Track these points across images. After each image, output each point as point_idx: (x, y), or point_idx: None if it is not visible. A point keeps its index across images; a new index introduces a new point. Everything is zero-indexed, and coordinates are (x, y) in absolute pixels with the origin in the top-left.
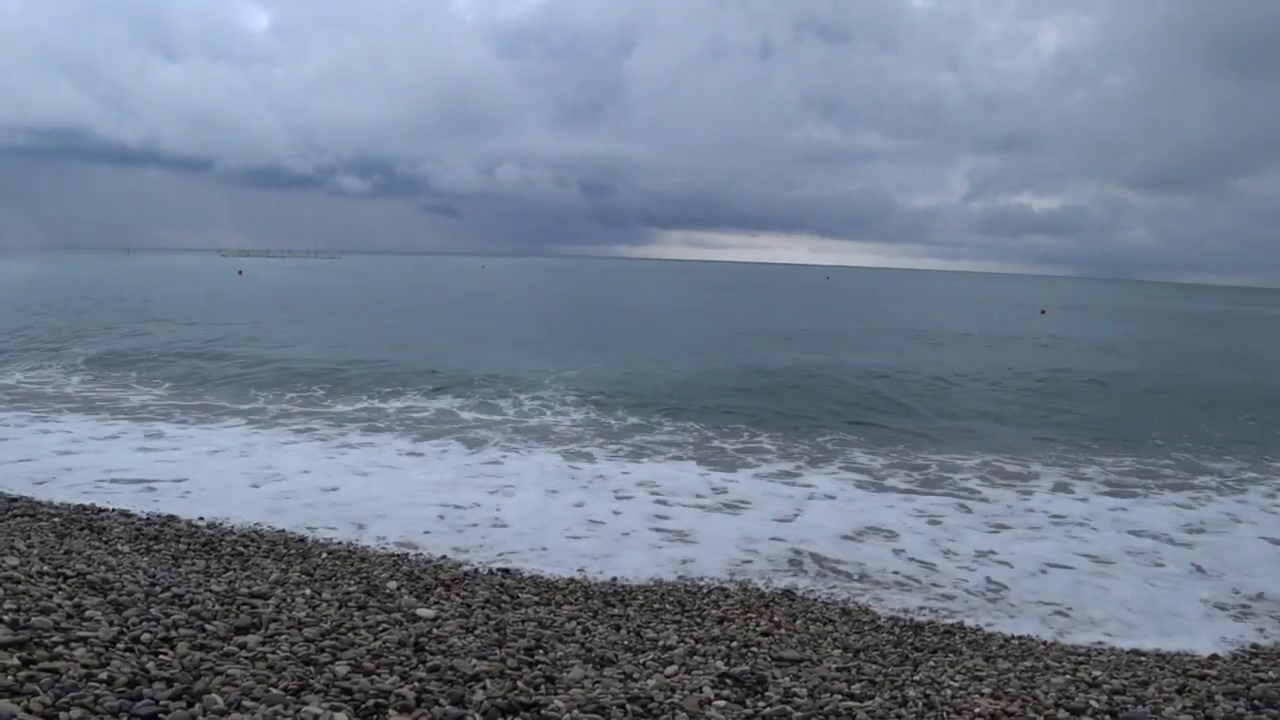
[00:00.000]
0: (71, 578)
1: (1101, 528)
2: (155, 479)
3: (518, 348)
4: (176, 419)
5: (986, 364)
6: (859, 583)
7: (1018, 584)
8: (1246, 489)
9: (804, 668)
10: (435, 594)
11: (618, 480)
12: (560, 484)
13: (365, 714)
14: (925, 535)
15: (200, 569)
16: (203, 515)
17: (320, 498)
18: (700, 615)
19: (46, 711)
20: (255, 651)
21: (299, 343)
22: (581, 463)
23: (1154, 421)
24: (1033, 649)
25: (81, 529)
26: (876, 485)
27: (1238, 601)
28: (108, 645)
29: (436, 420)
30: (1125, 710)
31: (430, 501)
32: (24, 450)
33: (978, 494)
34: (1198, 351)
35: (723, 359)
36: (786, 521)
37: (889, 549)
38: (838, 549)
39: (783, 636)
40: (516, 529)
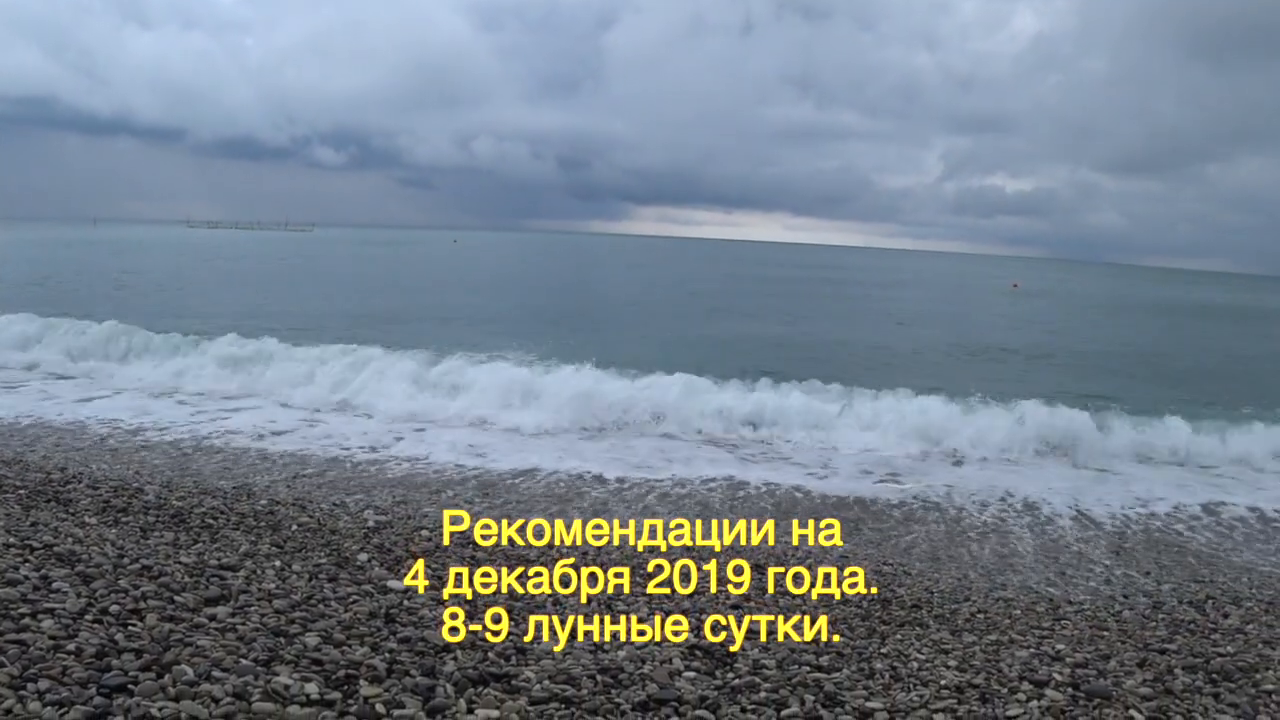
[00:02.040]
0: (38, 549)
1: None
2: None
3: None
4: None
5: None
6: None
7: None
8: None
9: (773, 640)
10: (406, 565)
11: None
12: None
13: (336, 684)
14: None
15: (169, 541)
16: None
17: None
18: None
19: (14, 683)
20: (225, 623)
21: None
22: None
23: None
24: (998, 623)
25: (48, 501)
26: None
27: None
28: (75, 617)
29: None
30: (1088, 682)
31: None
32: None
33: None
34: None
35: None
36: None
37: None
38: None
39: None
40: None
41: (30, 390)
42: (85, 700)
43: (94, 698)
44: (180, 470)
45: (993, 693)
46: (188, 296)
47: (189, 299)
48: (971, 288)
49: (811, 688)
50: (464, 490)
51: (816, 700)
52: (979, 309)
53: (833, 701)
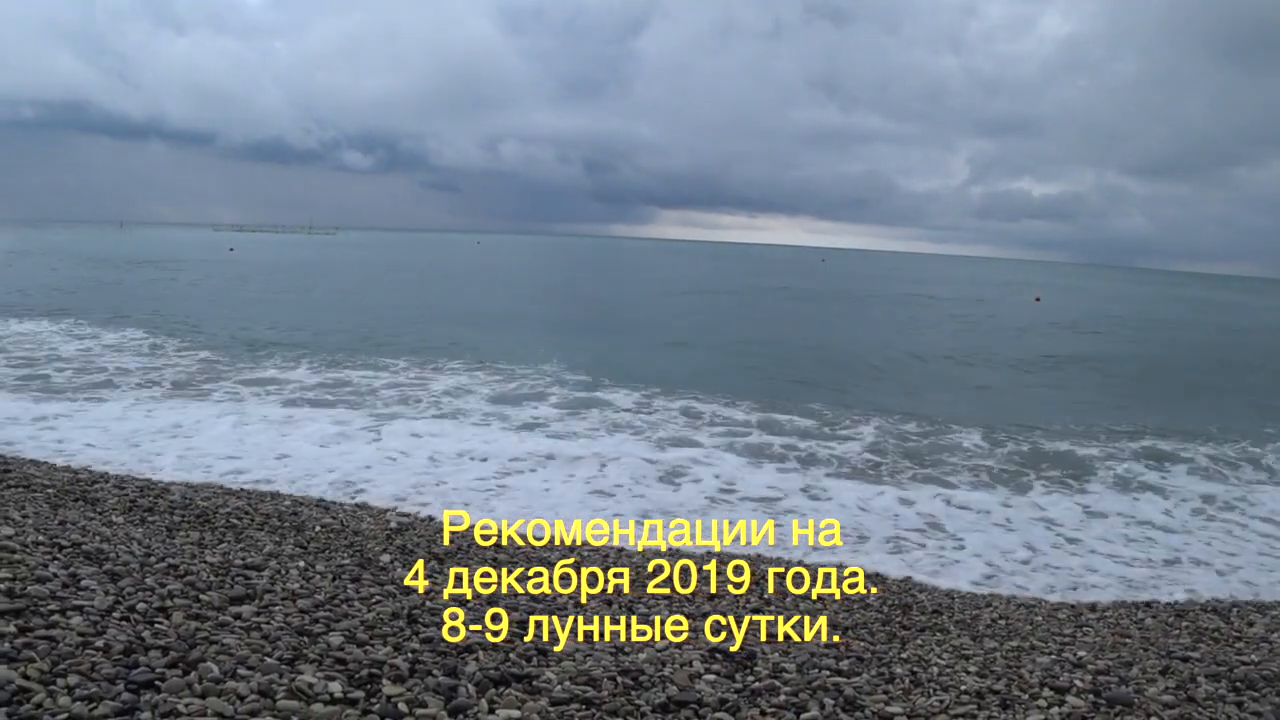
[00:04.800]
0: (67, 547)
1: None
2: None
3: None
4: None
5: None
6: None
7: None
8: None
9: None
10: (429, 568)
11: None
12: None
13: (359, 683)
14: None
15: (195, 540)
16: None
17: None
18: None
19: (44, 678)
20: (250, 621)
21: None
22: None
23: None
24: (1019, 629)
25: (76, 500)
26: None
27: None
28: (104, 614)
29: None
30: (1109, 690)
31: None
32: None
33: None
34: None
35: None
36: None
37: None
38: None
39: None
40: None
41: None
42: (113, 696)
43: (122, 694)
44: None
45: (1013, 699)
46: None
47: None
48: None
49: (831, 691)
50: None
51: (836, 704)
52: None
53: (852, 706)
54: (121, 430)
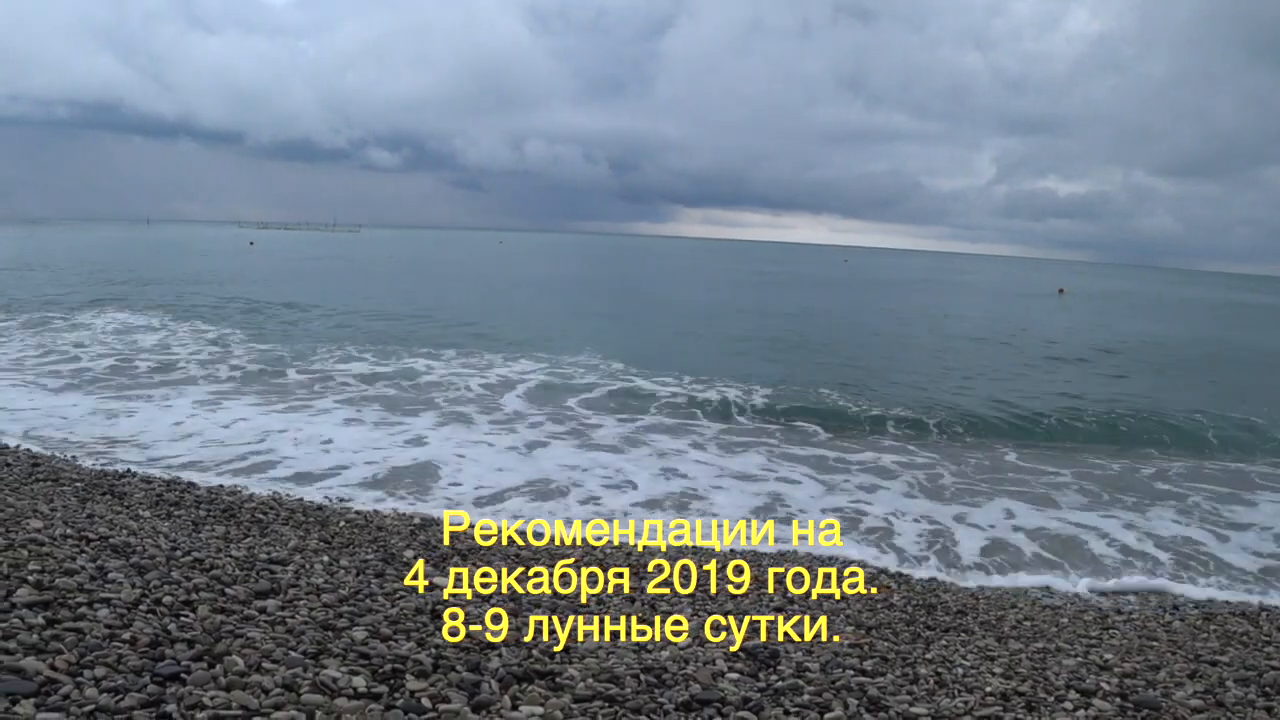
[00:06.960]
0: (94, 541)
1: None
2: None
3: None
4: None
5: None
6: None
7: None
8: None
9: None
10: (452, 563)
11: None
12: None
13: (383, 678)
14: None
15: (220, 535)
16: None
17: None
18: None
19: (71, 669)
20: (275, 615)
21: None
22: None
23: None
24: (1044, 631)
25: (103, 494)
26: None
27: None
28: (130, 607)
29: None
30: (1136, 693)
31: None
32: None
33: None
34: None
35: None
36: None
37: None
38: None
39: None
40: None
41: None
42: (140, 688)
43: (148, 686)
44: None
45: (1039, 701)
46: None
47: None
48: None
49: (855, 691)
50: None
51: (860, 704)
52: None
53: (876, 706)
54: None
